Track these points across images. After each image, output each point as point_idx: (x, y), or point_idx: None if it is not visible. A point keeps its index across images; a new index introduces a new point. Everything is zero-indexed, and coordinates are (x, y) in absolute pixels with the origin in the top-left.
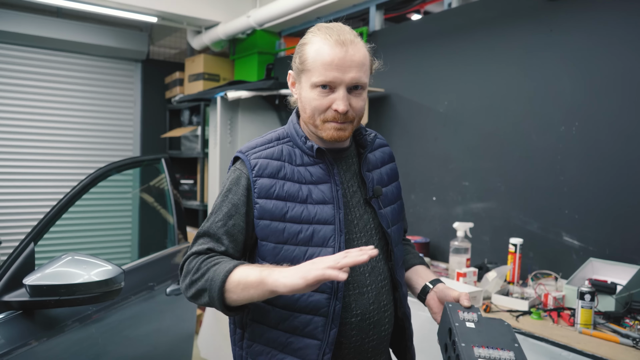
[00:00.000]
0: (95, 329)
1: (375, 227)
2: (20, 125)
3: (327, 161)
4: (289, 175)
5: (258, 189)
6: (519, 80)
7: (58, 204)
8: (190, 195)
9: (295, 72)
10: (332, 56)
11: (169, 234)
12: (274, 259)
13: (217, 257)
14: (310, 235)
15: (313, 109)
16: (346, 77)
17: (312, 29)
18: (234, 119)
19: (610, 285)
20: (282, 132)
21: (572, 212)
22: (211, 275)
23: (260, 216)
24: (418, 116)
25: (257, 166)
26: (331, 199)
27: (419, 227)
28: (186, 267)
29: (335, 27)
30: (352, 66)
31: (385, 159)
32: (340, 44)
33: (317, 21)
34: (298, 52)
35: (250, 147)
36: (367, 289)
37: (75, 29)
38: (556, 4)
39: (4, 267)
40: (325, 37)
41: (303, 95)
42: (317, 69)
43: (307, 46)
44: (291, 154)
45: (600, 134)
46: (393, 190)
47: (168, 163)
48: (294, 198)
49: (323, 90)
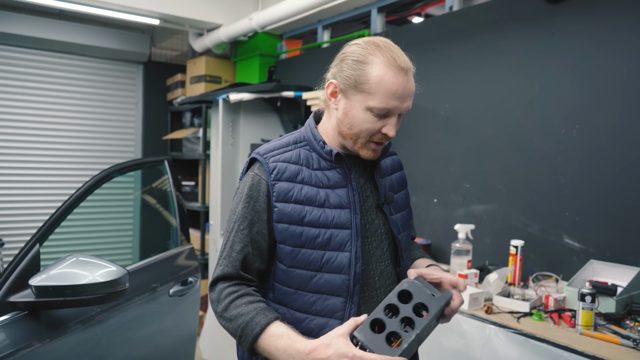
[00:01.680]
0: (99, 330)
1: (386, 232)
2: (24, 127)
3: (344, 166)
4: (307, 179)
5: (277, 192)
6: (519, 83)
7: (62, 205)
8: (191, 197)
9: (345, 86)
10: (397, 85)
11: (171, 235)
12: (291, 262)
13: (250, 299)
14: (327, 239)
15: (363, 130)
16: (403, 106)
17: (363, 44)
18: (235, 121)
19: (610, 286)
20: (299, 136)
21: (572, 214)
22: (244, 324)
23: (278, 219)
24: (419, 119)
25: (275, 170)
26: (348, 204)
27: (420, 229)
28: (218, 294)
29: (392, 47)
30: (409, 96)
31: (396, 166)
32: (404, 72)
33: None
34: (354, 69)
35: (269, 149)
36: (376, 292)
37: (78, 31)
38: (557, 8)
39: (10, 268)
40: (389, 61)
41: (353, 113)
42: (379, 95)
43: (369, 67)
44: (308, 158)
45: (600, 136)
46: (403, 198)
47: (171, 165)
48: (312, 202)
49: (377, 115)
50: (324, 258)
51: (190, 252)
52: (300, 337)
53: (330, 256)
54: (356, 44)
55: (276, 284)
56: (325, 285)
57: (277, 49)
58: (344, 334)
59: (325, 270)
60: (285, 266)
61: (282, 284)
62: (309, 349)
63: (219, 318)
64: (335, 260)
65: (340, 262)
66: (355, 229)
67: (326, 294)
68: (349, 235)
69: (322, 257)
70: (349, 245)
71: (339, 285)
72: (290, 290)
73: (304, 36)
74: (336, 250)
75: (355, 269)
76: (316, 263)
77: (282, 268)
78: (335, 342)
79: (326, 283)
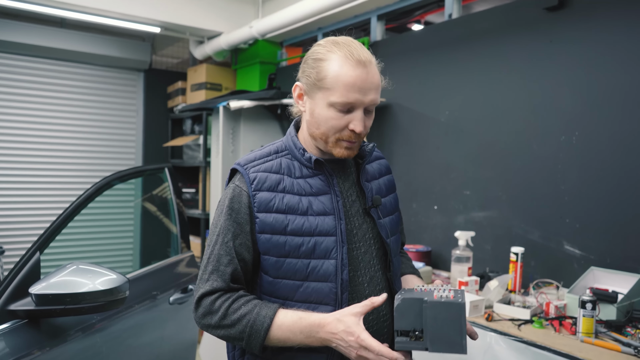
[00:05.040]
0: (99, 338)
1: (374, 237)
2: (24, 134)
3: (326, 172)
4: (289, 188)
5: (258, 203)
6: (519, 90)
7: (63, 213)
8: (192, 204)
9: (307, 86)
10: (354, 78)
11: (172, 243)
12: (276, 272)
13: (245, 299)
14: (312, 248)
15: (329, 128)
16: (366, 99)
17: (323, 43)
18: (236, 129)
19: (611, 294)
20: (281, 145)
21: (573, 221)
22: (250, 322)
23: (261, 230)
24: (419, 126)
25: (256, 180)
26: (332, 210)
27: (420, 235)
28: (208, 307)
29: (351, 43)
30: (371, 88)
31: (383, 170)
32: (362, 65)
33: (319, 32)
34: (313, 67)
35: (249, 160)
36: (365, 298)
37: (79, 39)
38: (556, 15)
39: (10, 276)
40: (346, 55)
41: (317, 112)
42: (337, 89)
43: (326, 63)
44: (290, 167)
45: (600, 143)
46: (391, 202)
47: (172, 172)
48: (294, 210)
49: (341, 110)
50: (310, 267)
51: (190, 259)
52: (312, 313)
53: (316, 264)
54: (318, 44)
55: (263, 295)
56: (312, 294)
57: (278, 56)
58: (357, 313)
59: (312, 279)
60: (270, 277)
61: (269, 295)
62: (323, 323)
63: (214, 329)
64: (321, 268)
65: (326, 270)
66: (341, 236)
67: (314, 303)
68: (334, 242)
69: (308, 266)
70: (335, 252)
71: (327, 294)
72: (278, 301)
73: (304, 44)
74: (321, 258)
75: (342, 276)
76: (302, 272)
77: (268, 279)
78: (346, 319)
79: (313, 292)
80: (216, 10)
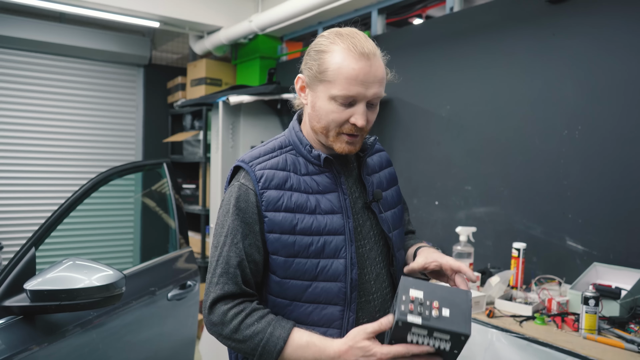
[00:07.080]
0: (97, 334)
1: (378, 233)
2: (23, 129)
3: (334, 170)
4: (296, 185)
5: (266, 201)
6: (521, 84)
7: (59, 208)
8: (192, 200)
9: (309, 78)
10: (357, 70)
11: (170, 238)
12: (285, 272)
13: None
14: (321, 247)
15: (330, 122)
16: (369, 92)
17: (327, 34)
18: (236, 124)
19: (614, 290)
20: (284, 140)
21: (575, 217)
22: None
23: (270, 229)
24: (420, 120)
25: (263, 178)
26: (340, 209)
27: (421, 231)
28: (221, 317)
29: (355, 35)
30: (374, 81)
31: (383, 163)
32: (365, 57)
33: (319, 26)
34: (315, 59)
35: (254, 157)
36: (372, 296)
37: (78, 34)
38: (558, 8)
39: (4, 272)
40: (349, 47)
41: (318, 104)
42: (339, 82)
43: (328, 55)
44: (295, 163)
45: (603, 138)
46: (393, 195)
47: (170, 168)
48: (303, 209)
49: (342, 104)
50: (319, 266)
51: (189, 255)
52: (325, 340)
53: (325, 264)
54: (321, 35)
55: (270, 296)
56: (321, 294)
57: (278, 51)
58: (369, 334)
59: (321, 279)
60: (278, 277)
61: (276, 296)
62: (339, 352)
63: (225, 340)
64: (330, 267)
65: (336, 269)
66: (349, 234)
67: (323, 304)
68: (343, 241)
69: (317, 266)
70: (344, 252)
71: (336, 294)
72: (286, 302)
73: (305, 38)
74: (331, 258)
75: (351, 275)
76: (311, 272)
77: (276, 280)
78: (362, 344)
79: (322, 292)
80: (216, 5)
